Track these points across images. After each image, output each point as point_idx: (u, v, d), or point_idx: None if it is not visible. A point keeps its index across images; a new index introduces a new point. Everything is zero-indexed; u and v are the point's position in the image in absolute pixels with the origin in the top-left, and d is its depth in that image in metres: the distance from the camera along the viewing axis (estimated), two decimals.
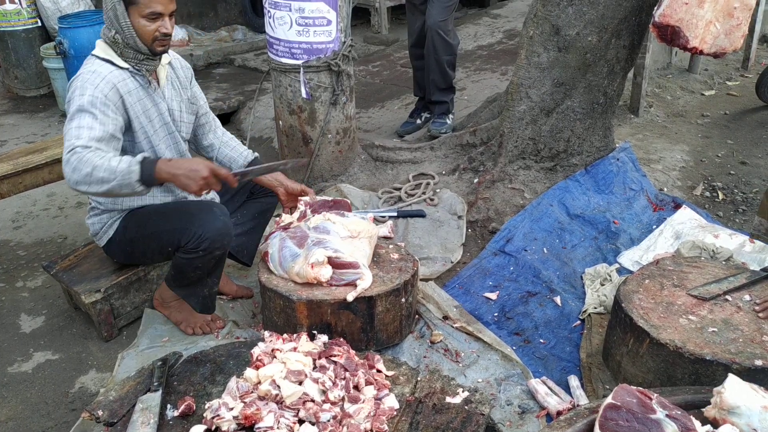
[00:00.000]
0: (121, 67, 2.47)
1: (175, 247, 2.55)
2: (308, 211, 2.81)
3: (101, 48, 2.50)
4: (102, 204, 2.67)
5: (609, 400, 1.76)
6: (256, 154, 2.95)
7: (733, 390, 1.72)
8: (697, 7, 2.90)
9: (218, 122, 2.97)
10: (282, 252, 2.58)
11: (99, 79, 2.39)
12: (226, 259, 2.73)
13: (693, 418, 1.71)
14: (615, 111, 3.91)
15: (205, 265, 2.59)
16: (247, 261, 3.02)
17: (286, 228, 2.73)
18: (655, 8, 3.05)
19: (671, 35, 3.01)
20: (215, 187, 2.34)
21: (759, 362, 2.06)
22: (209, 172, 2.28)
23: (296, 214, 2.81)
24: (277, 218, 2.86)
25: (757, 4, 5.62)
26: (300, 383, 2.09)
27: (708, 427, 1.72)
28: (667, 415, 1.71)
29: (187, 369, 2.38)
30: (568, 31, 3.40)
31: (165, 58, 2.65)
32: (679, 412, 1.74)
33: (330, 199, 2.90)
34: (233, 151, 2.91)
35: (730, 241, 3.22)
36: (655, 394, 1.79)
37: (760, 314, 2.29)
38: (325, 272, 2.49)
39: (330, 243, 2.55)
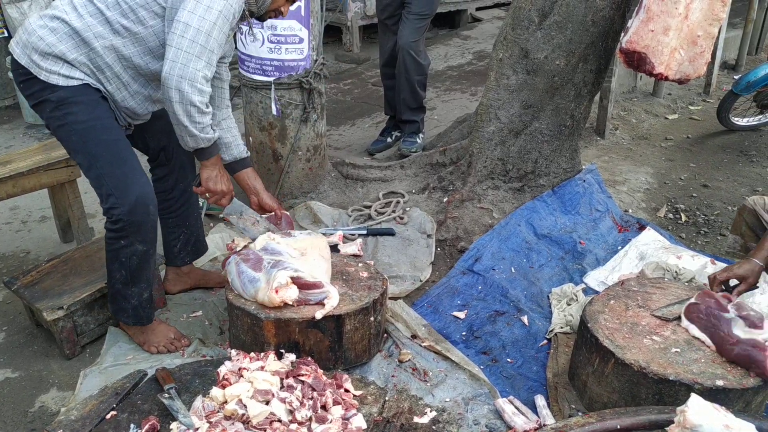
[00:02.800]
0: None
1: (100, 184, 2.36)
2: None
3: None
4: (72, 25, 2.29)
5: (692, 300, 2.35)
6: (248, 154, 2.85)
7: (696, 409, 1.75)
8: (662, 34, 2.98)
9: (229, 105, 2.87)
10: (241, 278, 2.53)
11: (240, 8, 2.35)
12: (153, 267, 2.60)
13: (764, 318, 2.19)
14: (581, 133, 3.98)
15: (129, 263, 2.45)
16: (205, 249, 3.18)
17: (239, 252, 2.68)
18: (622, 35, 3.12)
19: (638, 61, 3.08)
20: (220, 203, 2.59)
21: (720, 382, 2.10)
22: (228, 189, 2.58)
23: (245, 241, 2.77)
24: (230, 243, 2.80)
25: (719, 32, 5.79)
26: (267, 403, 2.07)
27: None
28: (738, 315, 2.22)
29: (151, 387, 2.34)
30: (536, 54, 3.46)
31: None
32: (753, 312, 2.23)
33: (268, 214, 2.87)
34: (234, 138, 2.77)
35: (692, 262, 3.29)
36: (734, 298, 2.33)
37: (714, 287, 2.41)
38: (292, 293, 2.44)
39: (287, 264, 2.51)
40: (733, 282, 2.44)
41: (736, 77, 5.49)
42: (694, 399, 1.79)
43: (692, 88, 6.21)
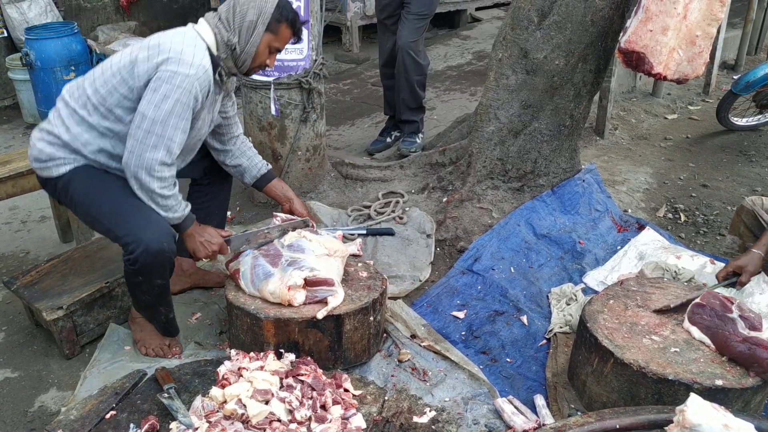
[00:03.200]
0: (213, 63, 2.45)
1: (113, 236, 2.44)
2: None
3: (210, 38, 2.45)
4: (68, 134, 2.45)
5: (697, 300, 2.36)
6: (270, 167, 2.94)
7: (695, 409, 1.76)
8: (661, 34, 2.98)
9: (239, 129, 2.90)
10: (255, 270, 2.56)
11: (204, 78, 2.37)
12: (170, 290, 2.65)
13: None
14: (581, 133, 3.98)
15: (149, 293, 2.51)
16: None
17: (258, 248, 2.71)
18: (621, 34, 3.13)
19: (636, 61, 3.08)
20: (214, 258, 2.65)
21: (719, 382, 2.10)
22: (218, 247, 2.60)
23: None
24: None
25: (718, 32, 5.79)
26: (266, 402, 2.08)
27: None
28: (740, 316, 2.25)
29: (151, 387, 2.34)
30: (536, 54, 3.47)
31: None
32: (753, 314, 2.28)
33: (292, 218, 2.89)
34: (248, 160, 2.88)
35: (691, 262, 3.29)
36: (737, 300, 2.34)
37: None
38: (299, 297, 2.47)
39: (305, 262, 2.54)
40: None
41: (735, 77, 5.50)
42: (693, 399, 1.79)
43: (691, 88, 6.21)
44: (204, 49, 2.40)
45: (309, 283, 2.49)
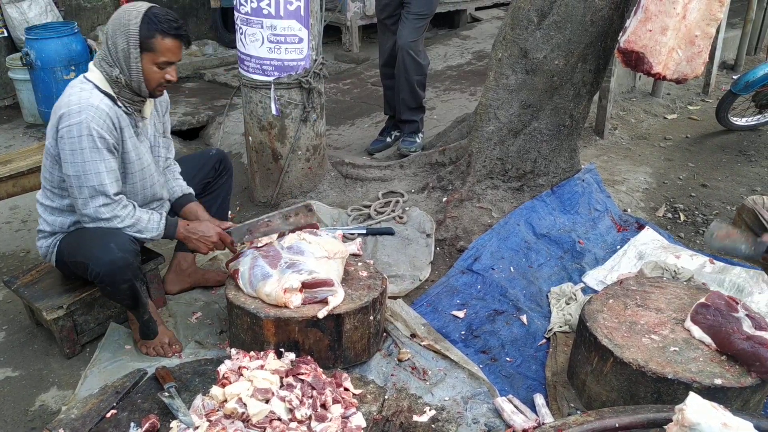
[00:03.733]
0: (116, 104, 2.47)
1: (84, 267, 2.51)
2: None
3: (98, 78, 2.46)
4: (49, 226, 2.67)
5: (702, 300, 2.35)
6: (190, 191, 2.91)
7: (694, 408, 1.76)
8: (660, 34, 2.99)
9: (172, 151, 2.92)
10: (253, 270, 2.57)
11: (98, 115, 2.38)
12: (145, 284, 2.67)
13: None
14: (581, 133, 3.98)
15: (121, 296, 2.54)
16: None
17: (259, 247, 2.72)
18: (620, 34, 3.13)
19: (635, 61, 3.09)
20: (221, 248, 2.70)
21: (718, 381, 2.11)
22: (218, 237, 2.66)
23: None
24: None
25: (717, 32, 5.80)
26: (267, 401, 2.08)
27: None
28: (746, 315, 2.26)
29: (151, 386, 2.35)
30: (535, 54, 3.47)
31: None
32: (758, 315, 2.29)
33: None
34: (172, 180, 2.88)
35: (691, 261, 3.30)
36: (741, 301, 2.34)
37: None
38: (296, 299, 2.49)
39: (304, 265, 2.55)
40: None
41: (734, 77, 5.50)
42: (693, 398, 1.79)
43: (691, 87, 6.21)
44: (90, 90, 2.42)
45: (307, 285, 2.50)
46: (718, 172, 4.65)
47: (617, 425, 1.91)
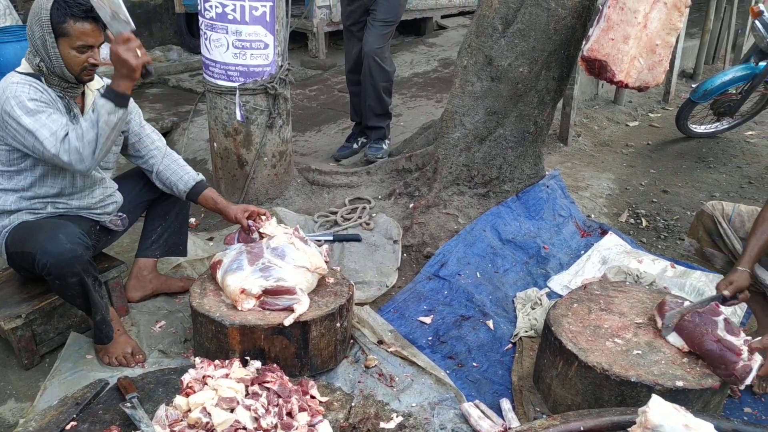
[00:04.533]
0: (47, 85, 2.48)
1: (31, 260, 2.46)
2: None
3: (25, 69, 2.49)
4: None
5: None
6: (200, 178, 2.92)
7: (657, 410, 1.78)
8: (622, 43, 3.04)
9: (155, 142, 2.89)
10: (232, 263, 2.58)
11: (26, 81, 2.40)
12: (98, 287, 2.58)
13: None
14: (545, 140, 4.04)
15: (70, 292, 2.49)
16: (183, 254, 3.19)
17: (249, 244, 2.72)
18: (583, 43, 3.18)
19: (599, 69, 3.14)
20: (134, 44, 2.32)
21: (680, 383, 2.14)
22: (117, 47, 2.31)
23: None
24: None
25: (677, 42, 5.93)
26: (232, 410, 2.05)
27: None
28: (724, 319, 2.29)
29: (113, 397, 2.30)
30: (500, 61, 3.50)
31: (95, 83, 2.65)
32: (733, 322, 2.31)
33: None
34: (173, 175, 2.87)
35: (653, 266, 3.35)
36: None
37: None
38: (247, 304, 2.49)
39: (276, 272, 2.53)
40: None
41: (693, 86, 5.62)
42: (655, 400, 1.82)
43: (652, 96, 6.34)
44: (19, 76, 2.44)
45: (269, 292, 2.48)
46: (678, 178, 4.74)
47: (582, 428, 1.93)
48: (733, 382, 2.19)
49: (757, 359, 2.18)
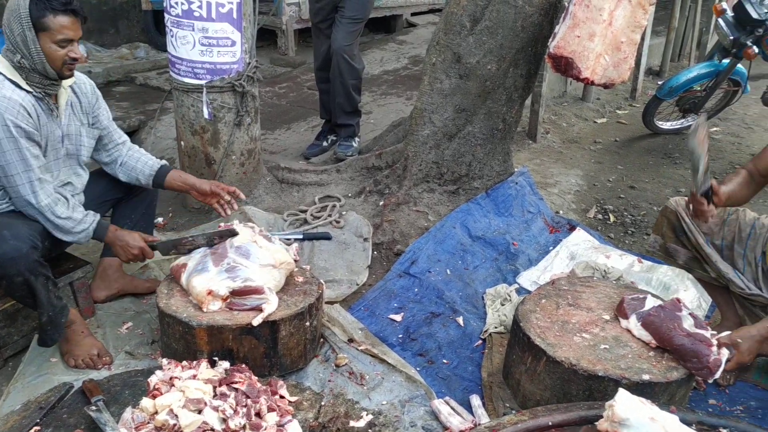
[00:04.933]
0: (27, 90, 2.43)
1: None
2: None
3: (5, 67, 2.43)
4: None
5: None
6: (163, 162, 2.94)
7: (623, 403, 1.81)
8: (588, 40, 3.07)
9: (122, 137, 2.91)
10: (197, 264, 2.56)
11: (10, 105, 2.36)
12: (51, 287, 2.51)
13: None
14: (514, 137, 4.06)
15: (18, 292, 2.43)
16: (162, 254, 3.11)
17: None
18: (550, 40, 3.20)
19: (565, 66, 3.17)
20: (141, 260, 2.75)
21: (646, 376, 2.17)
22: (139, 251, 2.68)
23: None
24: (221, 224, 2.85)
25: (643, 39, 6.02)
26: (199, 412, 2.03)
27: None
28: (689, 314, 2.31)
29: (78, 400, 2.26)
30: (468, 59, 3.51)
31: (67, 81, 2.61)
32: (699, 315, 2.36)
33: None
34: (138, 162, 2.88)
35: (620, 261, 3.39)
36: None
37: None
38: (213, 306, 2.47)
39: (242, 272, 2.50)
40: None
41: (659, 82, 5.71)
42: (622, 393, 1.84)
43: (619, 92, 6.42)
44: (1, 81, 2.39)
45: (237, 293, 2.46)
46: (645, 174, 4.81)
47: (550, 423, 1.94)
48: (704, 376, 2.21)
49: (725, 353, 2.22)
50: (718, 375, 2.20)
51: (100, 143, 2.84)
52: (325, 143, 4.79)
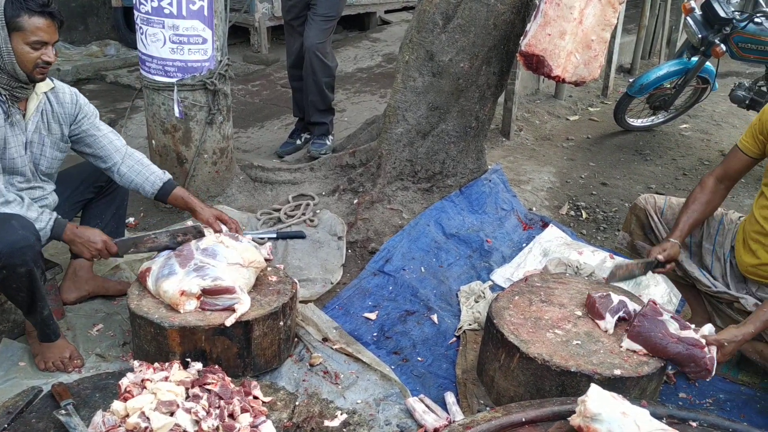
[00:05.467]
0: None
1: None
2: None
3: None
4: None
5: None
6: (166, 178, 2.84)
7: (595, 399, 1.82)
8: (558, 38, 3.09)
9: (117, 140, 2.81)
10: (162, 269, 2.51)
11: None
12: (45, 280, 2.51)
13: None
14: (487, 134, 4.08)
15: (15, 284, 2.38)
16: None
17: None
18: (522, 38, 3.22)
19: (536, 64, 3.18)
20: (105, 257, 2.61)
21: (618, 371, 2.20)
22: (103, 245, 2.56)
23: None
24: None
25: (614, 37, 6.08)
26: (171, 414, 2.00)
27: None
28: (671, 317, 2.30)
29: (47, 404, 2.22)
30: (441, 57, 3.52)
31: (41, 87, 2.54)
32: (676, 315, 2.37)
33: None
34: (138, 176, 2.79)
35: (592, 257, 3.42)
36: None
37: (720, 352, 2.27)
38: (189, 306, 2.44)
39: (211, 271, 2.48)
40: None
41: (630, 80, 5.77)
42: (594, 389, 1.86)
43: (591, 90, 6.48)
44: None
45: (208, 292, 2.44)
46: (616, 170, 4.86)
47: (523, 419, 1.95)
48: (703, 377, 2.24)
49: (713, 350, 2.25)
50: (714, 373, 2.23)
51: (89, 149, 2.75)
52: (298, 141, 4.77)
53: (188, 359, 2.35)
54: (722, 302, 2.67)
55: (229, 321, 2.38)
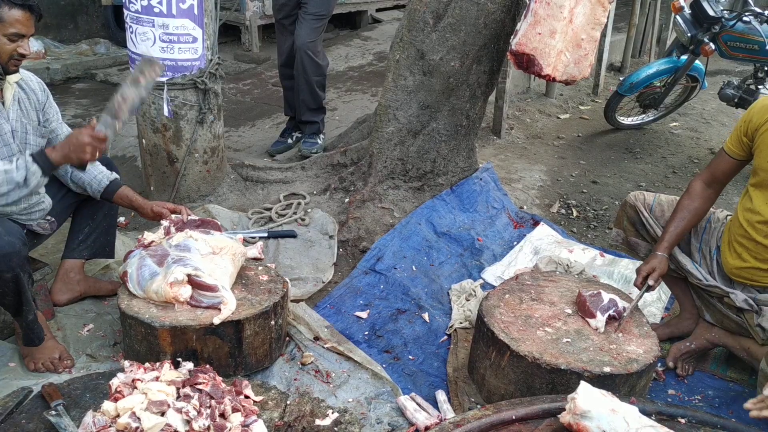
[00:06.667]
0: None
1: None
2: (172, 229, 2.73)
3: None
4: None
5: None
6: (113, 177, 2.84)
7: (585, 396, 1.83)
8: (549, 37, 3.10)
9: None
10: (140, 271, 2.50)
11: None
12: (32, 284, 2.50)
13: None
14: (478, 133, 4.08)
15: (1, 289, 2.37)
16: (110, 256, 3.11)
17: (147, 246, 2.64)
18: (512, 37, 3.22)
19: (527, 63, 3.19)
20: (102, 147, 2.45)
21: (607, 369, 2.21)
22: (91, 138, 2.40)
23: (159, 232, 2.73)
24: (139, 237, 2.78)
25: (604, 36, 6.10)
26: (162, 414, 2.00)
27: None
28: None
29: (37, 405, 2.21)
30: (432, 56, 3.52)
31: (13, 77, 2.53)
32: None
33: (197, 218, 2.84)
34: (87, 174, 2.78)
35: (583, 255, 3.44)
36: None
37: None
38: (185, 291, 2.43)
39: (190, 261, 2.49)
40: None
41: (621, 79, 5.79)
42: (583, 386, 1.87)
43: (582, 88, 6.50)
44: None
45: (195, 285, 2.44)
46: (607, 169, 4.88)
47: (514, 417, 1.96)
48: None
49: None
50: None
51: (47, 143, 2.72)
52: (289, 140, 4.76)
53: (179, 359, 2.35)
54: (713, 296, 2.68)
55: (217, 319, 2.37)
